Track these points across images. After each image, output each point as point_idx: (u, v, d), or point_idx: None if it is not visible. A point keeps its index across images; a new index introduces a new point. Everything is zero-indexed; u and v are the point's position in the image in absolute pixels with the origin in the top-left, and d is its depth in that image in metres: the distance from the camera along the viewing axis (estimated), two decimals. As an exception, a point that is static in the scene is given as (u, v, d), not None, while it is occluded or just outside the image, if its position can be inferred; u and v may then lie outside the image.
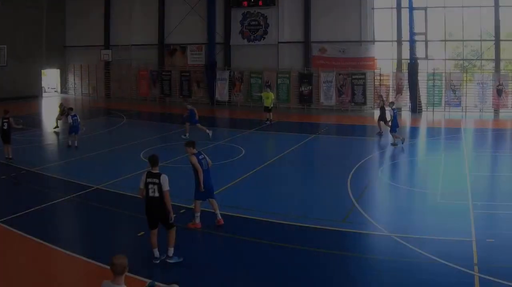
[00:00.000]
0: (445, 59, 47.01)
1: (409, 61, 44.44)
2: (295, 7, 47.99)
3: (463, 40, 46.52)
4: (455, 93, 44.22)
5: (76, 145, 27.02)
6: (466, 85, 44.03)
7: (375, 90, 46.21)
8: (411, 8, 43.90)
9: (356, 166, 23.42)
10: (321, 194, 19.68)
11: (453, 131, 34.35)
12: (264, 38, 49.24)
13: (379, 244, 14.71)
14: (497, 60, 44.52)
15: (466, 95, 43.84)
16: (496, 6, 43.46)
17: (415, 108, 44.73)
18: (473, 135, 34.50)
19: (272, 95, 39.19)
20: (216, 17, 49.42)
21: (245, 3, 49.19)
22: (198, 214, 15.40)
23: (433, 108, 44.73)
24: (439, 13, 45.72)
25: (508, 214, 16.52)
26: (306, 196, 19.67)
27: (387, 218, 16.78)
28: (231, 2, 49.54)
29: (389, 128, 29.65)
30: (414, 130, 37.62)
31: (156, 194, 12.74)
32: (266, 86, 45.27)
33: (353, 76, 46.29)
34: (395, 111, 29.32)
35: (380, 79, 46.51)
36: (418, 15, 44.51)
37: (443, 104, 44.52)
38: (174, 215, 13.12)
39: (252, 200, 18.43)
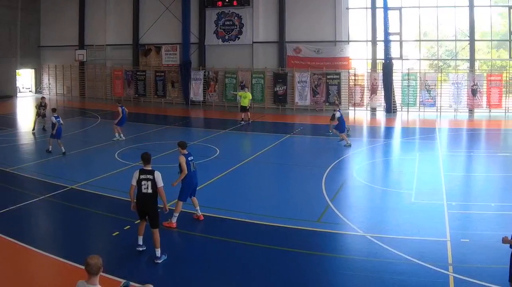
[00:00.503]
0: (420, 59, 44.91)
1: (383, 61, 42.60)
2: (270, 7, 45.83)
3: (437, 40, 44.86)
4: (429, 93, 42.50)
5: (63, 150, 25.08)
6: (441, 85, 42.48)
7: (349, 90, 44.52)
8: (386, 8, 42.06)
9: (331, 166, 22.68)
10: (296, 194, 19.09)
11: (428, 132, 33.14)
12: (238, 38, 46.94)
13: (353, 244, 14.25)
14: (472, 60, 42.93)
15: (440, 95, 42.30)
16: (471, 6, 42.01)
17: (390, 109, 42.92)
18: (448, 135, 33.14)
19: (249, 95, 37.73)
20: (191, 17, 47.09)
21: (220, 3, 46.84)
22: (177, 214, 15.06)
23: (408, 108, 43.10)
24: (414, 13, 44.10)
25: (482, 214, 15.96)
26: (280, 196, 19.08)
27: (361, 218, 16.20)
28: (206, 2, 47.24)
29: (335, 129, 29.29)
30: (388, 131, 36.43)
31: (149, 190, 12.63)
32: (243, 86, 43.60)
33: (328, 76, 44.40)
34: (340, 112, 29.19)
35: (354, 79, 44.36)
36: (392, 15, 42.70)
37: (417, 104, 42.81)
38: (166, 211, 13.41)
39: (227, 199, 17.83)
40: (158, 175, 12.71)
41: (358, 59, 44.92)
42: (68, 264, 12.29)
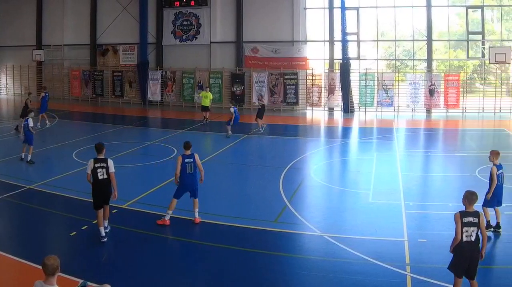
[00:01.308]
0: (377, 59, 42.15)
1: (341, 61, 40.20)
2: (227, 7, 42.47)
3: (395, 40, 42.21)
4: (387, 93, 39.90)
5: (29, 158, 21.99)
6: (398, 85, 40.39)
7: (307, 90, 41.55)
8: (343, 8, 39.59)
9: (288, 166, 21.51)
10: (254, 194, 17.96)
11: (385, 132, 31.23)
12: (196, 38, 43.30)
13: (311, 244, 13.50)
14: (429, 60, 40.42)
15: (398, 95, 40.09)
16: (428, 6, 39.56)
17: (347, 109, 40.35)
18: (405, 135, 31.28)
19: (210, 95, 35.25)
20: (148, 17, 43.50)
21: (177, 3, 43.17)
22: (170, 212, 14.43)
23: (365, 108, 40.73)
24: (371, 13, 41.25)
25: (440, 214, 15.19)
26: (238, 196, 17.95)
27: (319, 218, 15.30)
28: (163, 2, 43.61)
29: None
30: (346, 131, 34.47)
31: (105, 176, 12.93)
32: (201, 86, 41.34)
33: (285, 76, 41.46)
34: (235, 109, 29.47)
35: (312, 79, 41.57)
36: (350, 15, 40.38)
37: (375, 104, 40.46)
38: (115, 198, 13.31)
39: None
40: (110, 162, 13.04)
41: (316, 59, 42.18)
42: (25, 264, 11.60)
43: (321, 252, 12.75)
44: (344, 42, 39.77)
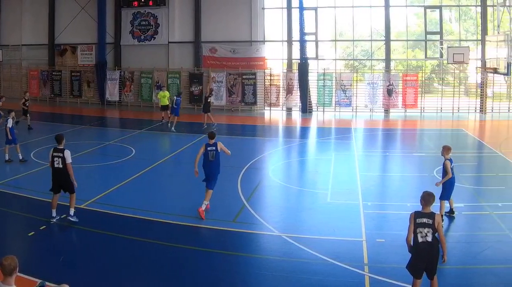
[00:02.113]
0: (336, 59, 39.13)
1: (299, 61, 37.20)
2: (186, 7, 39.16)
3: (353, 40, 39.24)
4: (345, 93, 37.23)
5: (21, 157, 20.85)
6: (357, 85, 37.59)
7: (265, 90, 38.51)
8: (302, 8, 36.64)
9: (247, 166, 20.34)
10: (212, 194, 15.53)
11: (344, 132, 29.33)
12: (154, 38, 39.92)
13: (269, 244, 12.75)
14: (388, 60, 37.65)
15: (356, 95, 37.42)
16: (387, 6, 36.96)
17: (306, 109, 37.44)
18: (364, 135, 29.50)
19: (168, 94, 32.57)
20: (107, 17, 39.96)
21: (136, 3, 39.74)
22: (206, 202, 14.38)
23: (324, 108, 37.96)
24: (330, 13, 38.32)
25: (398, 213, 14.47)
26: (197, 196, 15.94)
27: (277, 218, 14.52)
28: (122, 2, 40.09)
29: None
30: (304, 131, 32.39)
31: (60, 165, 13.12)
32: (160, 86, 38.31)
33: (244, 76, 38.37)
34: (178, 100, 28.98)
35: (270, 79, 38.50)
36: (308, 15, 37.40)
37: (333, 104, 37.70)
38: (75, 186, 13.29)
39: (143, 200, 15.76)
40: (67, 153, 13.14)
41: (274, 59, 39.23)
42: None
43: (280, 252, 12.02)
44: (302, 42, 36.96)
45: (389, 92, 36.70)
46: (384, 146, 26.63)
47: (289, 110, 38.46)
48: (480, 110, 36.68)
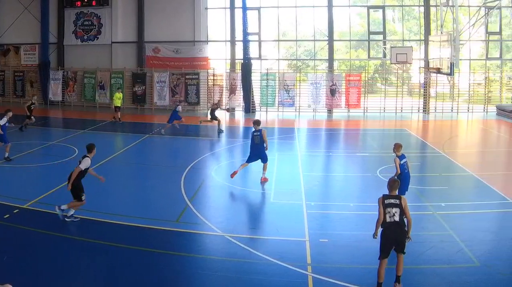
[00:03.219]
0: (279, 59, 35.77)
1: (242, 61, 33.97)
2: (129, 7, 35.42)
3: (296, 40, 35.84)
4: (288, 93, 34.00)
5: (6, 155, 19.06)
6: (300, 85, 34.54)
7: (208, 90, 35.20)
8: (245, 8, 33.40)
9: (190, 166, 18.75)
10: (155, 194, 15.51)
11: (287, 132, 27.07)
12: (97, 38, 36.06)
13: (212, 244, 11.65)
14: (331, 60, 34.57)
15: (299, 95, 34.34)
16: (330, 6, 33.84)
17: (249, 109, 34.11)
18: (307, 135, 27.32)
19: (120, 95, 29.91)
20: (50, 17, 36.16)
21: (79, 3, 35.88)
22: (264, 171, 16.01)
23: (267, 108, 34.67)
24: (273, 13, 34.97)
25: (341, 214, 13.45)
26: (140, 196, 15.44)
27: (220, 218, 13.29)
28: (65, 2, 36.15)
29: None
30: (247, 131, 28.30)
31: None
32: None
33: (187, 76, 34.85)
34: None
35: (213, 79, 35.16)
36: (251, 15, 34.17)
37: (276, 104, 34.48)
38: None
39: (88, 200, 13.28)
40: (84, 160, 12.43)
41: (217, 59, 35.66)
42: None
43: (223, 252, 11.16)
44: (246, 42, 33.70)
45: (332, 92, 33.79)
46: (327, 146, 24.75)
47: (232, 110, 35.01)
48: (423, 110, 34.19)
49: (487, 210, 13.74)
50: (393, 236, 8.90)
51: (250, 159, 16.06)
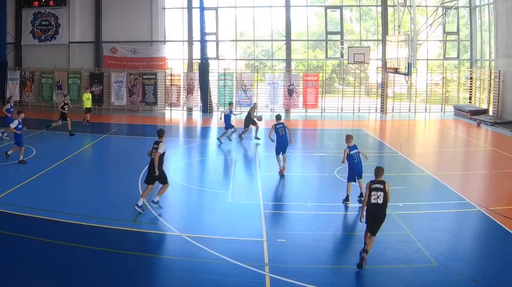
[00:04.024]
0: (236, 59, 33.65)
1: (200, 61, 31.73)
2: (86, 7, 33.14)
3: (254, 40, 33.74)
4: (246, 93, 31.90)
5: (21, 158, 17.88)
6: (257, 85, 32.27)
7: (166, 90, 32.90)
8: (202, 8, 31.26)
9: (147, 166, 15.85)
10: (112, 194, 14.44)
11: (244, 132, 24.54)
12: (55, 38, 33.74)
13: (170, 244, 11.12)
14: (288, 60, 32.62)
15: (257, 95, 32.03)
16: (287, 6, 31.87)
17: (206, 109, 31.92)
18: (264, 135, 24.41)
19: (90, 96, 27.56)
20: (7, 17, 33.72)
21: (36, 3, 33.58)
22: (281, 163, 16.32)
23: (224, 108, 31.05)
24: (230, 13, 32.83)
25: (299, 214, 12.87)
26: (97, 196, 14.32)
27: (178, 218, 12.51)
28: (22, 2, 33.85)
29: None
30: (205, 131, 28.08)
31: (152, 156, 12.50)
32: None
33: (144, 76, 32.67)
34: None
35: (171, 79, 32.84)
36: (209, 15, 32.04)
37: (234, 104, 30.86)
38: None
39: (43, 200, 13.39)
40: (161, 145, 12.61)
41: (175, 59, 33.57)
42: None
43: (180, 252, 10.45)
44: (203, 42, 31.53)
45: (290, 92, 31.85)
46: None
47: (189, 110, 33.09)
48: (380, 110, 32.31)
49: (445, 210, 13.10)
50: (373, 214, 9.56)
51: (278, 150, 16.42)
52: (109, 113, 31.96)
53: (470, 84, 32.84)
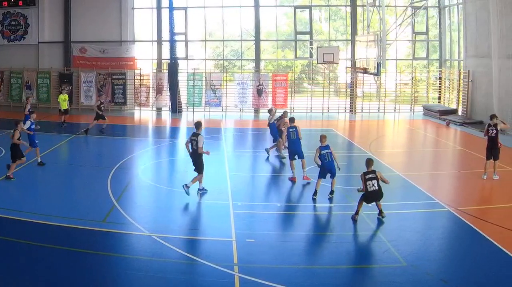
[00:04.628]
0: (205, 59, 32.28)
1: (169, 61, 30.33)
2: (56, 8, 31.63)
3: (223, 40, 32.23)
4: (215, 93, 30.60)
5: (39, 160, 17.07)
6: (226, 85, 31.03)
7: (135, 90, 31.51)
8: (171, 8, 29.82)
9: (116, 166, 16.79)
10: (82, 194, 13.88)
11: (213, 132, 24.29)
12: (24, 38, 32.18)
13: (139, 244, 10.59)
14: (257, 60, 31.21)
15: (226, 95, 30.88)
16: (256, 6, 30.49)
17: (175, 109, 30.57)
18: (233, 135, 25.04)
19: (67, 97, 26.00)
20: (-25, 17, 32.34)
21: (5, 3, 31.93)
22: (294, 171, 15.08)
23: (193, 108, 31.22)
24: (199, 13, 31.43)
25: (267, 214, 12.49)
26: (66, 196, 13.67)
27: (147, 218, 12.07)
28: (-9, 2, 32.51)
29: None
30: (174, 131, 27.10)
31: (195, 147, 12.97)
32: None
33: (113, 76, 31.26)
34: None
35: (140, 79, 31.41)
36: (178, 15, 30.68)
37: (203, 104, 31.08)
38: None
39: (13, 200, 13.08)
40: (200, 138, 13.06)
41: (144, 59, 31.99)
42: None
43: (149, 252, 10.02)
44: (172, 42, 30.13)
45: (259, 92, 30.62)
46: (254, 145, 22.40)
47: (159, 110, 31.67)
48: (350, 110, 31.14)
49: (414, 210, 12.64)
50: (373, 199, 11.25)
51: (290, 156, 15.34)
52: (78, 113, 30.37)
53: (439, 84, 31.71)
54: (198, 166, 13.29)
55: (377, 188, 10.91)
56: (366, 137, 24.48)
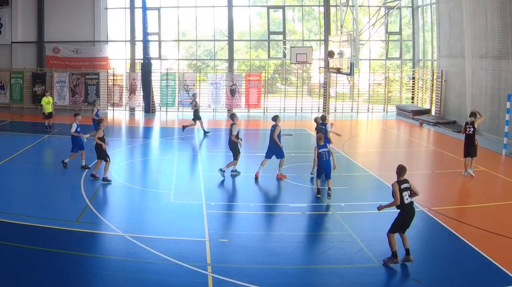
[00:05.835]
0: (179, 59, 30.03)
1: (142, 61, 28.26)
2: (29, 7, 29.33)
3: (196, 40, 30.10)
4: (188, 93, 28.21)
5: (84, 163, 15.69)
6: (200, 85, 28.84)
7: (108, 90, 29.29)
8: (145, 8, 27.69)
9: (90, 166, 15.13)
10: (55, 194, 12.95)
11: (186, 132, 22.34)
12: (-3, 38, 30.05)
13: (112, 244, 9.92)
14: (231, 60, 29.12)
15: (199, 95, 28.17)
16: (230, 6, 28.42)
17: (149, 109, 28.52)
18: (207, 135, 22.94)
19: (51, 100, 23.61)
20: (-50, 17, 30.07)
21: (-21, 3, 29.93)
22: (281, 168, 14.28)
23: (167, 108, 29.14)
24: (173, 13, 29.26)
25: (241, 214, 11.84)
26: (39, 196, 12.78)
27: (120, 218, 11.26)
28: (-35, 2, 30.16)
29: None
30: (147, 131, 25.34)
31: (229, 135, 13.57)
32: (45, 91, 27.44)
33: (87, 76, 29.03)
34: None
35: (113, 79, 29.24)
36: (151, 15, 28.48)
37: (176, 104, 28.98)
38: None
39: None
40: (234, 127, 13.91)
41: (117, 59, 29.75)
42: None
43: (122, 252, 9.29)
44: (145, 42, 27.99)
45: (232, 92, 28.60)
46: (227, 145, 20.55)
47: (132, 110, 29.58)
48: (323, 110, 28.93)
49: (387, 210, 11.46)
50: (413, 214, 8.67)
51: (267, 154, 14.38)
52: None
53: (413, 84, 29.71)
54: (232, 152, 13.75)
55: (412, 200, 8.84)
56: (339, 137, 22.80)
